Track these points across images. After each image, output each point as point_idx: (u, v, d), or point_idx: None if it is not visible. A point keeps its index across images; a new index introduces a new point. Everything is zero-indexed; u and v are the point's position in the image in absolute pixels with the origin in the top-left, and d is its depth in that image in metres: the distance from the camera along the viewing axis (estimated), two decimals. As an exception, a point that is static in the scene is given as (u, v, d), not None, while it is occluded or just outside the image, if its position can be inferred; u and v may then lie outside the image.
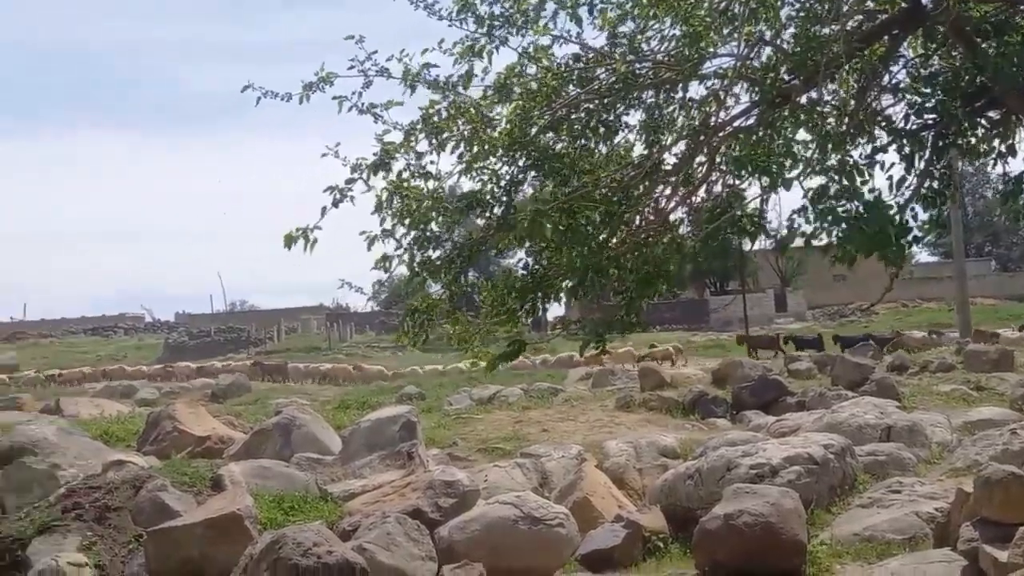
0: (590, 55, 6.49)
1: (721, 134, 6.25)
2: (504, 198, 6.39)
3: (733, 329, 49.62)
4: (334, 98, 6.36)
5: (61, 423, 14.73)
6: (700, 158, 6.39)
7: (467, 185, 6.84)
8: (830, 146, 5.33)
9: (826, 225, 4.89)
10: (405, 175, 6.45)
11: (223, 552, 8.78)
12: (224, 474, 10.92)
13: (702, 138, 6.29)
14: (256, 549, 8.15)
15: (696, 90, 6.49)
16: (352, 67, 6.32)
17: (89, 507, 10.14)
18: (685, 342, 41.93)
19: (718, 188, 6.48)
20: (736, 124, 6.24)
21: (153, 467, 11.60)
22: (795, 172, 5.39)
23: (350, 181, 6.32)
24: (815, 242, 5.36)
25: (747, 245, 6.22)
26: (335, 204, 6.30)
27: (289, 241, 6.19)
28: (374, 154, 6.35)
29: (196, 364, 45.01)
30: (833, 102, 6.01)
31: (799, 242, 5.69)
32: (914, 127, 5.58)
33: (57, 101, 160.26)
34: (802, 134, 5.87)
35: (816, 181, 5.25)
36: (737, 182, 5.95)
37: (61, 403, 23.27)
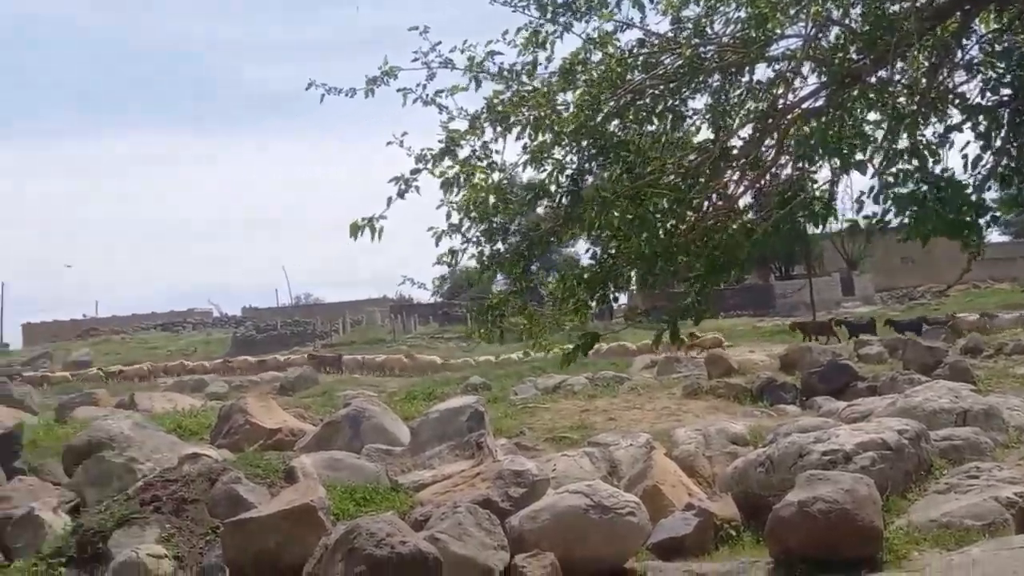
0: (654, 40, 6.43)
1: (789, 116, 6.15)
2: (570, 187, 6.36)
3: (799, 314, 49.01)
4: (398, 90, 6.38)
5: (136, 418, 15.05)
6: (768, 141, 6.30)
7: (531, 175, 6.86)
8: (902, 126, 5.22)
9: (902, 208, 4.78)
10: (472, 161, 6.44)
11: (298, 543, 8.89)
12: (296, 466, 11.06)
13: (770, 121, 6.20)
14: (330, 540, 8.24)
15: (763, 72, 6.41)
16: (416, 59, 6.34)
17: (167, 500, 10.35)
18: (751, 328, 41.56)
19: (787, 171, 6.40)
20: (804, 106, 6.14)
21: (227, 460, 11.80)
22: (866, 154, 5.29)
23: (415, 171, 6.33)
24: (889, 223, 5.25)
25: (818, 228, 6.10)
26: (400, 194, 6.31)
27: (355, 230, 6.21)
28: (439, 141, 6.37)
29: (256, 358, 45.68)
30: (904, 81, 5.88)
31: (862, 222, 5.58)
32: (989, 103, 5.43)
33: (120, 100, 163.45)
34: (873, 115, 5.76)
35: (889, 163, 5.14)
36: (807, 165, 5.84)
37: (135, 398, 23.75)
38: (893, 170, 5.09)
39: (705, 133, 6.65)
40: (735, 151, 6.32)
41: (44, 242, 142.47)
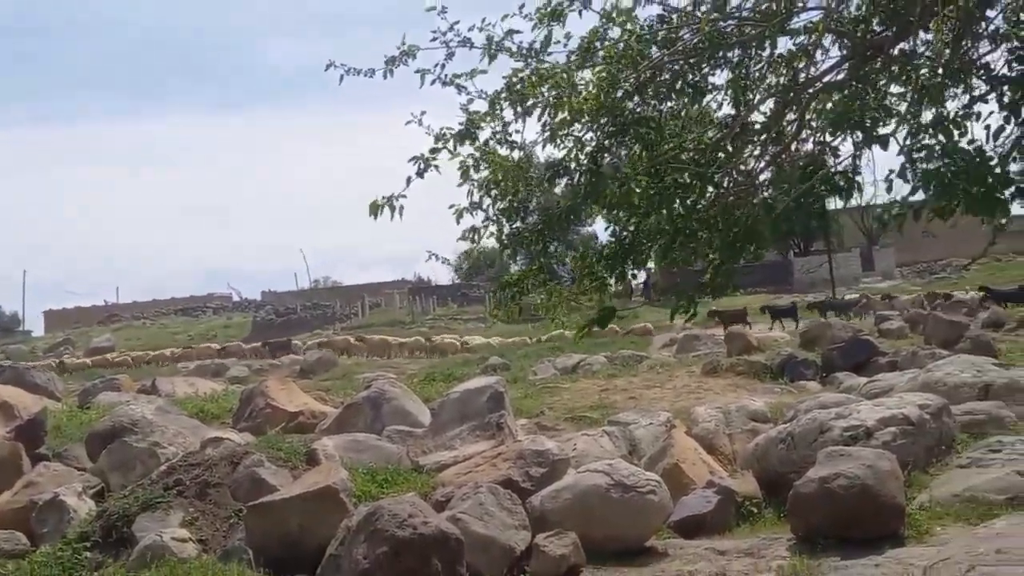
0: (674, 15, 6.36)
1: (811, 90, 6.08)
2: (590, 165, 6.32)
3: (818, 291, 48.90)
4: (416, 71, 6.35)
5: (159, 402, 15.14)
6: (790, 115, 6.24)
7: (550, 153, 6.81)
8: (925, 98, 5.16)
9: (927, 184, 4.72)
10: (491, 144, 6.41)
11: (321, 525, 8.92)
12: (318, 448, 11.09)
13: (791, 95, 6.14)
14: (353, 521, 8.26)
15: (784, 46, 6.34)
16: (434, 39, 6.30)
17: (190, 484, 10.40)
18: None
19: (809, 146, 6.34)
20: (826, 79, 6.07)
21: (249, 443, 11.83)
22: (890, 127, 5.23)
23: (434, 150, 6.30)
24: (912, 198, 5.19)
25: (842, 204, 6.04)
26: (419, 174, 6.28)
27: (375, 209, 6.20)
28: (459, 123, 6.33)
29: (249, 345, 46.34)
30: (927, 52, 5.80)
31: (882, 198, 5.53)
32: (1016, 73, 5.35)
33: (136, 83, 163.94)
34: (896, 87, 5.69)
35: (913, 136, 5.08)
36: (829, 138, 5.78)
37: (157, 383, 23.88)
38: (918, 144, 5.02)
39: (726, 109, 6.60)
40: (756, 126, 6.26)
41: (63, 228, 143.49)
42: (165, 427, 12.97)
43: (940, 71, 5.41)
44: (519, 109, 6.32)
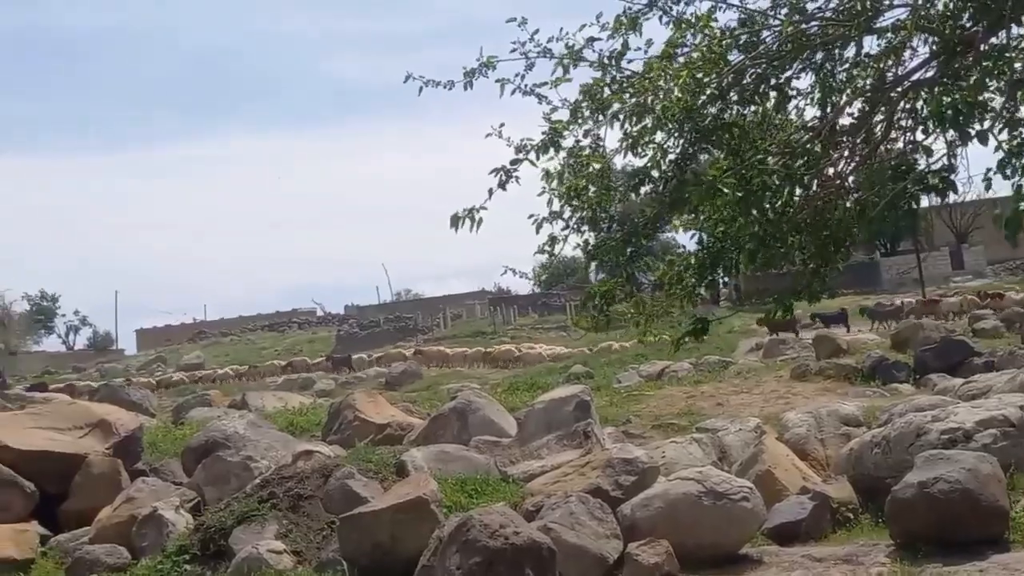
0: (754, 19, 6.30)
1: (899, 89, 5.97)
2: (675, 172, 6.28)
3: (906, 291, 47.88)
4: (497, 81, 6.37)
5: (250, 417, 15.40)
6: (878, 116, 6.13)
7: (629, 162, 6.78)
8: (1020, 94, 5.03)
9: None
10: (575, 152, 6.41)
11: (412, 536, 8.99)
12: (407, 460, 11.17)
13: (879, 95, 6.03)
14: (444, 532, 8.31)
15: (870, 45, 6.23)
16: (514, 49, 6.33)
17: (283, 496, 10.56)
18: (856, 306, 40.69)
19: (899, 146, 6.21)
20: (915, 78, 5.96)
21: (339, 456, 11.98)
22: (986, 124, 5.10)
23: (515, 161, 6.32)
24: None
25: (938, 203, 5.91)
26: (501, 185, 6.30)
27: (456, 222, 6.24)
28: (542, 133, 6.34)
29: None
30: (1021, 46, 5.66)
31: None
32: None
33: (211, 101, 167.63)
34: (991, 82, 5.55)
35: (1010, 133, 4.95)
36: (921, 137, 5.67)
37: (247, 397, 24.33)
38: (1019, 138, 4.89)
39: (811, 111, 6.51)
40: (843, 127, 6.17)
41: (150, 248, 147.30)
42: (257, 441, 13.19)
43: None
44: (600, 118, 6.32)
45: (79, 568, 10.41)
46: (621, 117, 6.30)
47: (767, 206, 5.78)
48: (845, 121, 6.24)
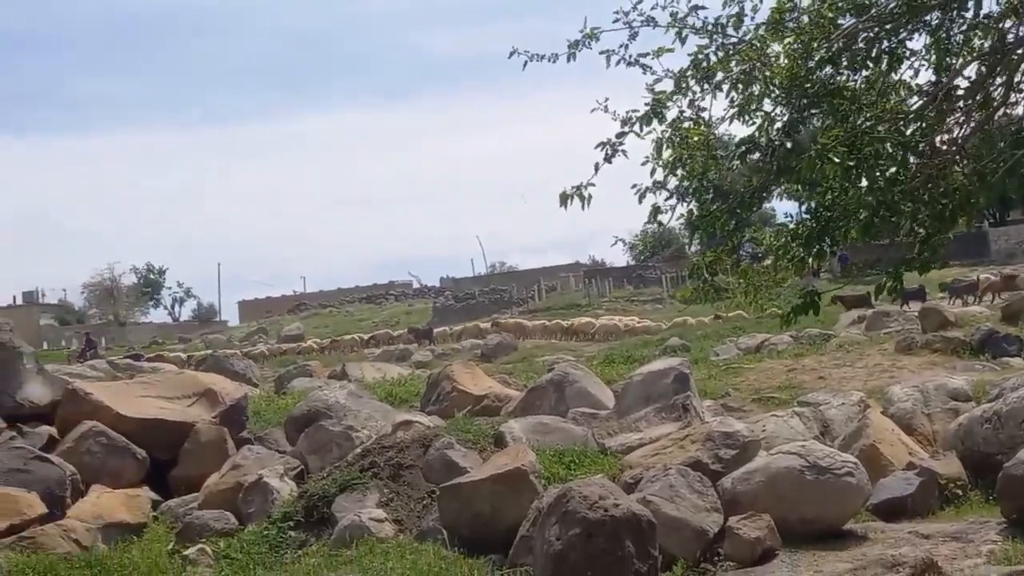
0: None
1: (1021, 51, 5.72)
2: (783, 140, 6.12)
3: (1017, 261, 46.28)
4: (601, 53, 6.29)
5: (351, 387, 15.64)
6: (997, 79, 5.89)
7: (738, 130, 6.64)
8: None
9: None
10: (680, 122, 6.30)
11: (511, 506, 9.06)
12: (505, 431, 11.24)
13: (999, 57, 5.79)
14: (543, 503, 8.34)
15: (989, 5, 5.97)
16: (617, 19, 6.24)
17: (384, 465, 10.74)
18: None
19: (1019, 111, 5.97)
20: (1038, 38, 5.70)
21: (438, 426, 12.10)
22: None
23: (621, 135, 6.25)
24: None
25: None
26: (608, 159, 6.23)
27: (564, 200, 6.20)
28: (646, 104, 6.25)
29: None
30: None
31: None
32: None
33: (307, 76, 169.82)
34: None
35: None
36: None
37: (346, 368, 24.72)
38: None
39: (925, 75, 6.28)
40: (960, 92, 5.94)
41: (251, 221, 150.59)
42: (358, 411, 13.40)
43: None
44: (706, 86, 6.19)
45: (189, 532, 10.75)
46: (726, 86, 6.17)
47: (878, 174, 5.61)
48: (961, 84, 6.01)
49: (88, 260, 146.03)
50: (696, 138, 6.32)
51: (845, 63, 6.04)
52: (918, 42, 6.16)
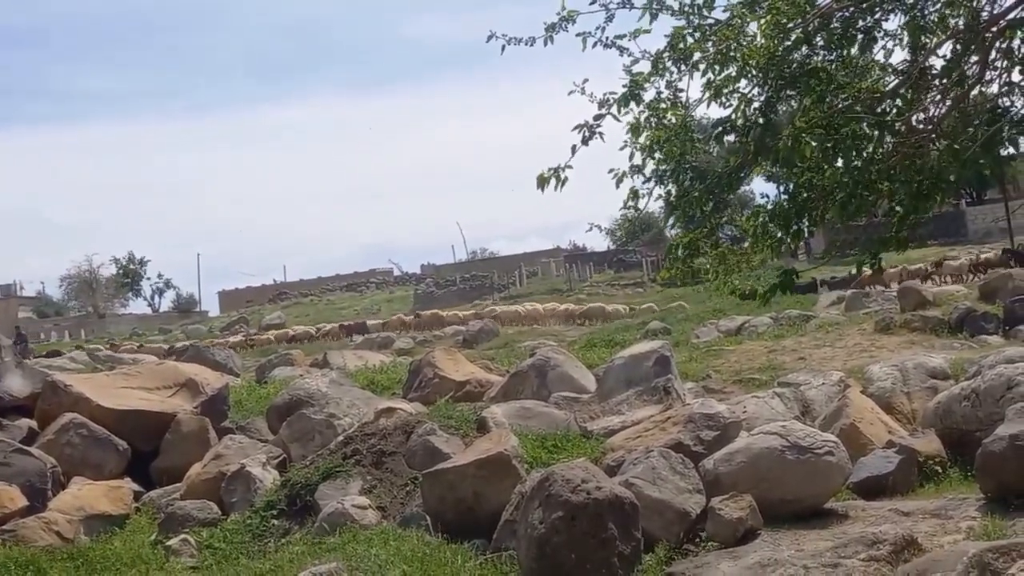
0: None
1: (995, 29, 5.73)
2: (760, 120, 6.12)
3: (994, 241, 46.62)
4: (578, 35, 6.27)
5: (332, 375, 15.61)
6: (972, 57, 5.90)
7: (715, 113, 6.63)
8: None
9: None
10: (658, 105, 6.30)
11: (494, 491, 9.07)
12: (487, 416, 11.24)
13: (973, 35, 5.80)
14: (526, 487, 8.35)
15: None
16: (593, 1, 6.21)
17: (366, 453, 10.74)
18: (941, 257, 39.78)
19: (994, 88, 5.99)
20: (1011, 16, 5.71)
21: (420, 412, 12.10)
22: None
23: (598, 117, 6.23)
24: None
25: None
26: (585, 141, 6.22)
27: (542, 182, 6.19)
28: (623, 86, 6.24)
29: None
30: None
31: None
32: None
33: (286, 66, 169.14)
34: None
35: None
36: (1019, 78, 5.45)
37: (328, 356, 24.67)
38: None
39: (900, 54, 6.29)
40: (935, 70, 5.95)
41: (229, 211, 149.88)
42: (339, 399, 13.37)
43: None
44: (683, 67, 6.19)
45: (172, 523, 10.71)
46: (703, 66, 6.16)
47: (855, 154, 5.62)
48: (936, 63, 6.03)
49: (67, 252, 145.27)
50: (673, 119, 6.32)
51: (821, 43, 6.05)
52: (893, 22, 6.18)
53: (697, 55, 6.12)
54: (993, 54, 5.77)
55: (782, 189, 6.31)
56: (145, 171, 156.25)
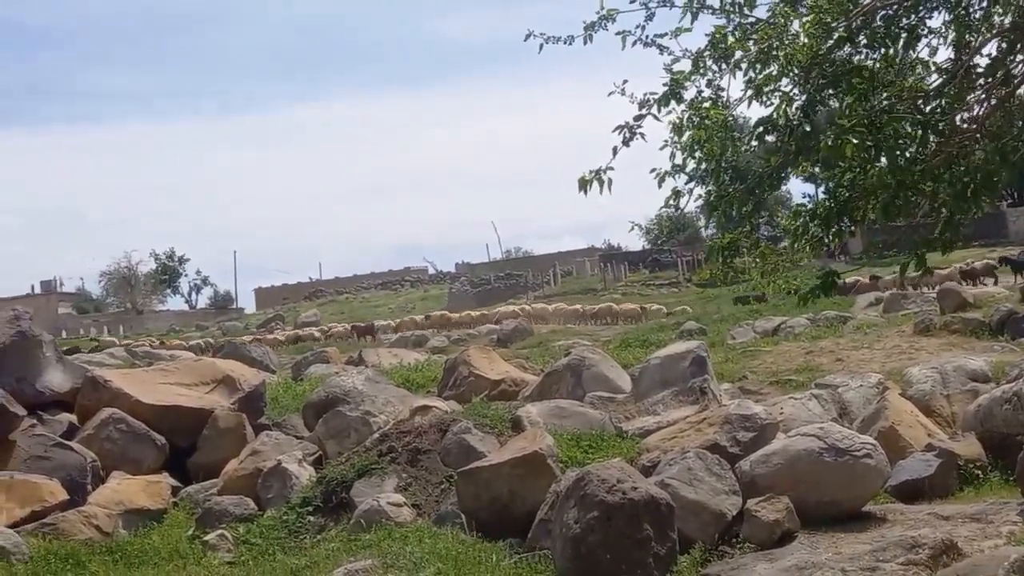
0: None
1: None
2: (802, 119, 6.05)
3: (1036, 243, 45.97)
4: (617, 34, 6.23)
5: (367, 373, 15.65)
6: (1018, 56, 5.81)
7: (755, 112, 6.58)
8: None
9: None
10: (700, 104, 6.25)
11: (529, 490, 9.07)
12: (522, 415, 11.25)
13: (1020, 33, 5.71)
14: (561, 487, 8.34)
15: None
16: (633, 0, 6.18)
17: (402, 450, 10.78)
18: (982, 259, 39.27)
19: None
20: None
21: (455, 411, 12.12)
22: None
23: (639, 117, 6.19)
24: None
25: None
26: (626, 142, 6.18)
27: (583, 184, 6.15)
28: (664, 84, 6.19)
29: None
30: None
31: None
32: None
33: (320, 65, 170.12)
34: None
35: None
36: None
37: (363, 354, 24.76)
38: None
39: (944, 53, 6.21)
40: (980, 69, 5.87)
41: (267, 209, 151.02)
42: (375, 396, 13.41)
43: None
44: (724, 66, 6.14)
45: (209, 518, 10.80)
46: (744, 65, 6.11)
47: (898, 154, 5.55)
48: (981, 62, 5.94)
49: (106, 250, 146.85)
50: (715, 118, 6.27)
51: (864, 41, 5.98)
52: (937, 19, 6.10)
53: (738, 54, 6.07)
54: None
55: (823, 189, 6.24)
56: (179, 169, 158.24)
